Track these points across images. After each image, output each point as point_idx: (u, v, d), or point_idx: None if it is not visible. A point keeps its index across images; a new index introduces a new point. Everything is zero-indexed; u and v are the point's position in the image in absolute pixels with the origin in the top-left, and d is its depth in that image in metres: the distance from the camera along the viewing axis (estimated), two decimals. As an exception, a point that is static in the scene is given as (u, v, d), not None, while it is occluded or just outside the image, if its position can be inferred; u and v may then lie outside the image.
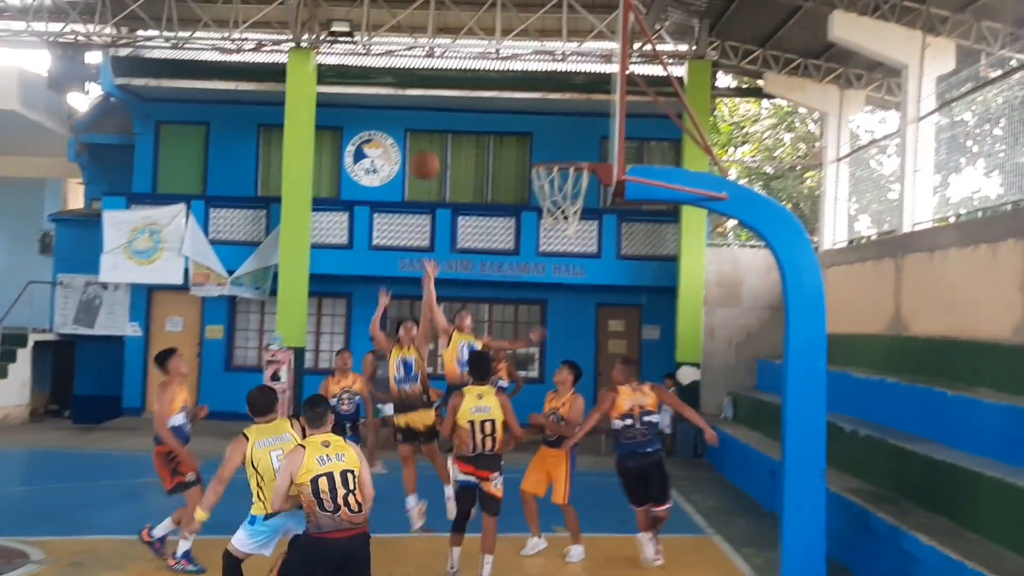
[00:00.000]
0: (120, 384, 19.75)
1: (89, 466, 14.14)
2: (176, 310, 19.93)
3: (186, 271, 18.69)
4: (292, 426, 7.14)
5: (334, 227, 18.90)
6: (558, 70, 19.04)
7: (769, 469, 11.94)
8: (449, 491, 9.34)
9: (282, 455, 6.62)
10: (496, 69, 19.12)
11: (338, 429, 10.77)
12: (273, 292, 18.40)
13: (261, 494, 6.70)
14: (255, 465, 6.75)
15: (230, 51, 18.70)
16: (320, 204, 18.70)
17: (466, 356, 9.77)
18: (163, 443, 8.30)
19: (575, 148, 17.98)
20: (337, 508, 5.99)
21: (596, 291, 19.28)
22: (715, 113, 23.74)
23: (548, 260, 18.71)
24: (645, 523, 9.16)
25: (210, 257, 18.83)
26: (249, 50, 18.76)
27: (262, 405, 7.11)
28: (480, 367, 8.50)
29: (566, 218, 8.82)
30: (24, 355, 18.83)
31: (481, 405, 8.15)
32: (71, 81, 18.50)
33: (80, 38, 18.37)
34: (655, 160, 19.81)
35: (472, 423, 8.10)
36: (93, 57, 18.95)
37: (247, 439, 6.86)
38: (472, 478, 8.17)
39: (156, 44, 18.83)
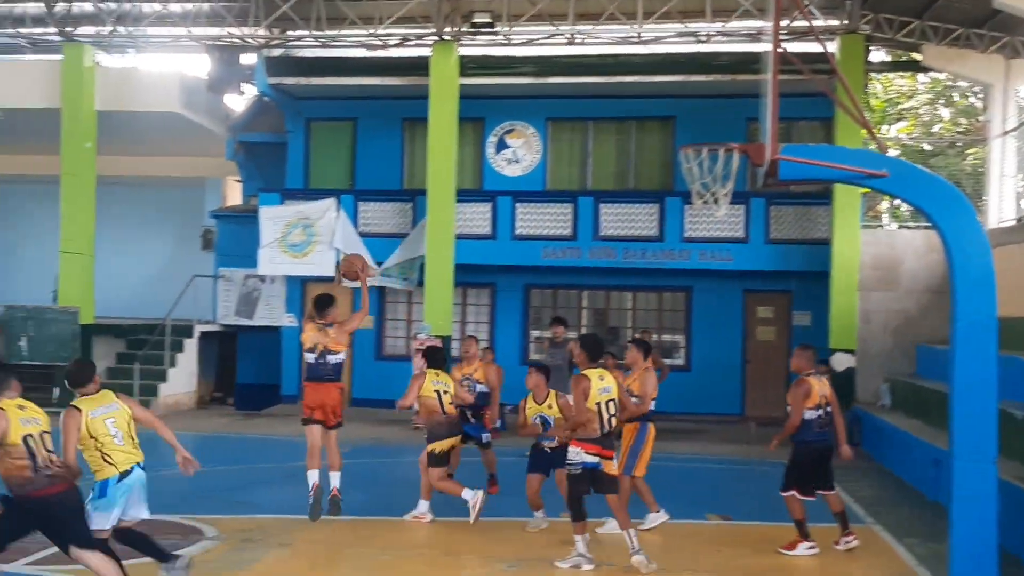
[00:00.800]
0: (278, 373, 20.55)
1: (251, 450, 14.83)
2: (329, 301, 20.51)
3: (337, 263, 19.26)
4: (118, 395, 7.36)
5: (477, 218, 19.14)
6: (702, 51, 18.70)
7: (932, 458, 11.47)
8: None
9: (115, 422, 7.03)
10: (638, 53, 18.94)
11: (460, 416, 10.92)
12: (420, 282, 18.78)
13: (108, 458, 6.93)
14: (93, 435, 6.93)
15: (375, 47, 19.17)
16: (464, 195, 18.94)
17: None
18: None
19: (720, 130, 17.58)
20: None
21: (743, 277, 18.89)
22: (868, 89, 22.88)
23: (693, 246, 18.44)
24: (800, 511, 8.96)
25: (360, 249, 19.27)
26: (394, 45, 19.17)
27: (82, 377, 7.26)
28: (595, 349, 8.62)
29: (716, 201, 8.69)
30: (191, 345, 19.83)
31: (604, 386, 8.27)
32: (228, 83, 19.37)
33: (236, 41, 19.18)
34: (804, 140, 19.20)
35: (599, 405, 8.18)
36: (248, 59, 19.75)
37: (79, 411, 6.99)
38: (597, 459, 8.19)
39: (306, 43, 19.46)
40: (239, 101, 21.80)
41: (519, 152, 20.31)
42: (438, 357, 10.29)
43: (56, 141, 19.09)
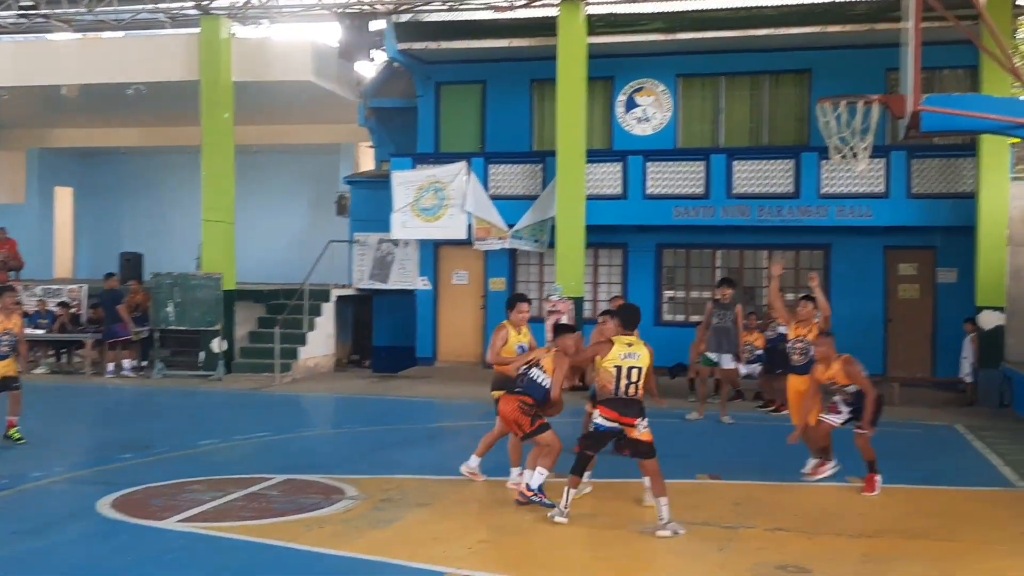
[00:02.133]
0: (413, 335, 21.01)
1: (390, 411, 15.22)
2: (461, 264, 20.87)
3: (469, 226, 19.50)
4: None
5: (608, 178, 19.03)
6: (838, 1, 18.01)
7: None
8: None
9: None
10: (771, 5, 18.38)
11: None
12: (551, 244, 18.83)
13: None
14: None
15: (503, 8, 19.13)
16: (593, 155, 18.84)
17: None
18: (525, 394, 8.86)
19: (857, 83, 16.97)
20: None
21: (884, 233, 18.24)
22: (1017, 34, 21.65)
23: (831, 202, 17.90)
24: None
25: (491, 212, 19.53)
26: (520, 6, 19.10)
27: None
28: (630, 317, 8.63)
29: (855, 155, 8.44)
30: (328, 309, 20.44)
31: (631, 352, 8.24)
32: (359, 50, 19.70)
33: (365, 8, 19.47)
34: (948, 89, 18.28)
35: (619, 368, 8.17)
36: (377, 25, 20.04)
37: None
38: (616, 424, 8.18)
39: (434, 7, 19.60)
40: (369, 68, 22.16)
41: (649, 110, 20.05)
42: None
43: (197, 112, 19.85)
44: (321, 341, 20.21)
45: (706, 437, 13.07)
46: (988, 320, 16.37)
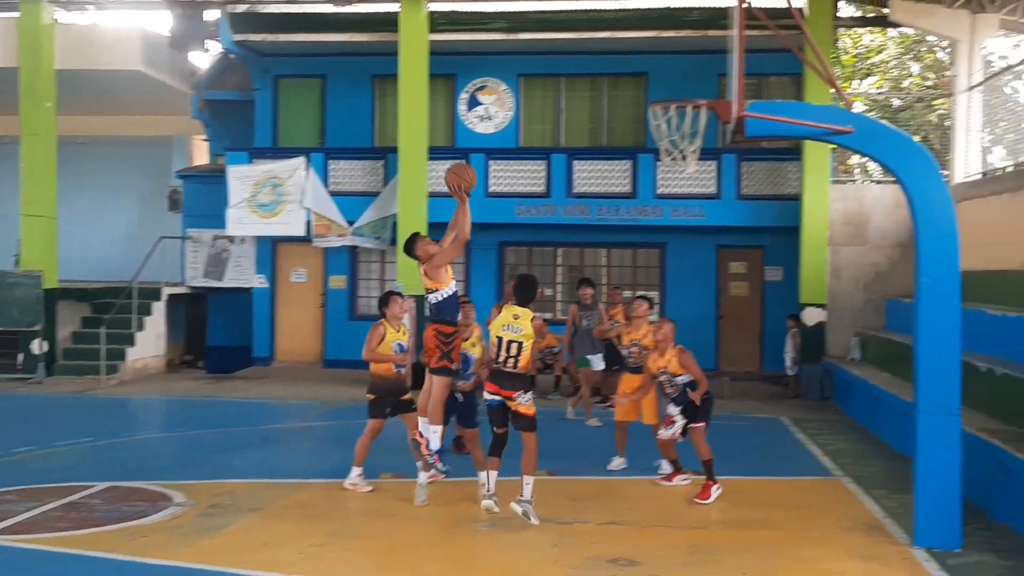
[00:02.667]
0: (250, 335, 20.45)
1: (223, 413, 14.74)
2: (300, 261, 20.45)
3: (308, 223, 19.13)
4: None
5: (450, 175, 18.98)
6: (673, 7, 18.58)
7: (900, 411, 11.60)
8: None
9: None
10: (610, 8, 18.83)
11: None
12: (393, 241, 18.68)
13: None
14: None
15: (343, 2, 18.86)
16: (436, 152, 18.79)
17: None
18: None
19: (692, 87, 17.55)
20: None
21: (716, 233, 18.92)
22: (837, 45, 22.82)
23: (666, 202, 18.43)
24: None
25: (330, 208, 19.21)
26: (361, 1, 18.88)
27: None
28: (525, 291, 8.51)
29: (684, 158, 8.66)
30: (159, 308, 19.64)
31: (514, 325, 8.27)
32: (192, 39, 19.00)
33: (199, -3, 18.81)
34: (775, 96, 19.17)
35: (500, 339, 8.28)
36: (212, 14, 19.39)
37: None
38: (497, 397, 8.32)
39: (272, -1, 19.17)
40: (204, 58, 21.46)
41: (491, 109, 20.15)
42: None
43: (15, 101, 18.71)
44: (151, 341, 19.41)
45: (544, 434, 13.18)
46: (811, 317, 17.19)
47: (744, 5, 8.14)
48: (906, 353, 12.17)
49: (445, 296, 8.68)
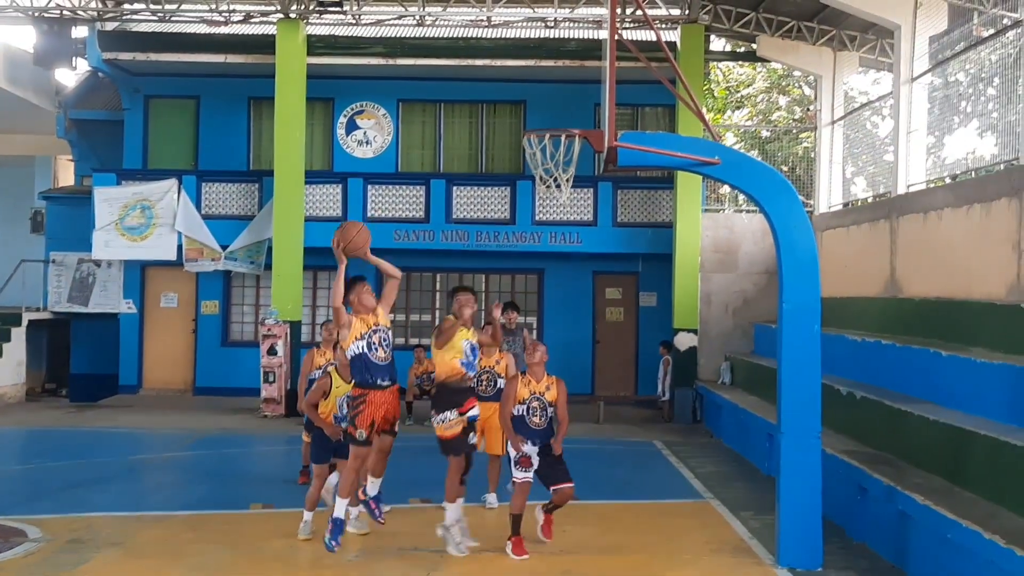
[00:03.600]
0: (116, 362, 19.72)
1: (86, 444, 14.13)
2: (171, 286, 19.86)
3: (179, 247, 18.61)
4: None
5: (328, 199, 18.81)
6: (551, 37, 18.91)
7: (766, 433, 11.94)
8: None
9: None
10: (488, 37, 19.04)
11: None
12: (268, 266, 18.33)
13: None
14: None
15: (218, 23, 18.53)
16: (313, 177, 18.60)
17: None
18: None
19: (569, 115, 17.89)
20: None
21: (593, 259, 19.21)
22: (709, 77, 23.58)
23: (544, 229, 18.63)
24: None
25: (203, 232, 18.74)
26: (237, 22, 18.59)
27: None
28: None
29: (559, 186, 8.78)
30: (19, 334, 18.76)
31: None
32: (58, 57, 18.31)
33: (66, 13, 18.20)
34: (649, 126, 19.69)
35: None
36: (80, 32, 18.75)
37: None
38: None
39: (143, 17, 18.68)
40: (70, 76, 20.72)
41: (370, 133, 20.06)
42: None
43: None
44: (10, 369, 18.51)
45: (422, 462, 13.09)
46: (683, 342, 17.59)
47: (616, 38, 8.33)
48: (772, 377, 12.57)
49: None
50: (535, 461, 8.33)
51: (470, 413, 8.11)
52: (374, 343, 7.67)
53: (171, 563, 7.80)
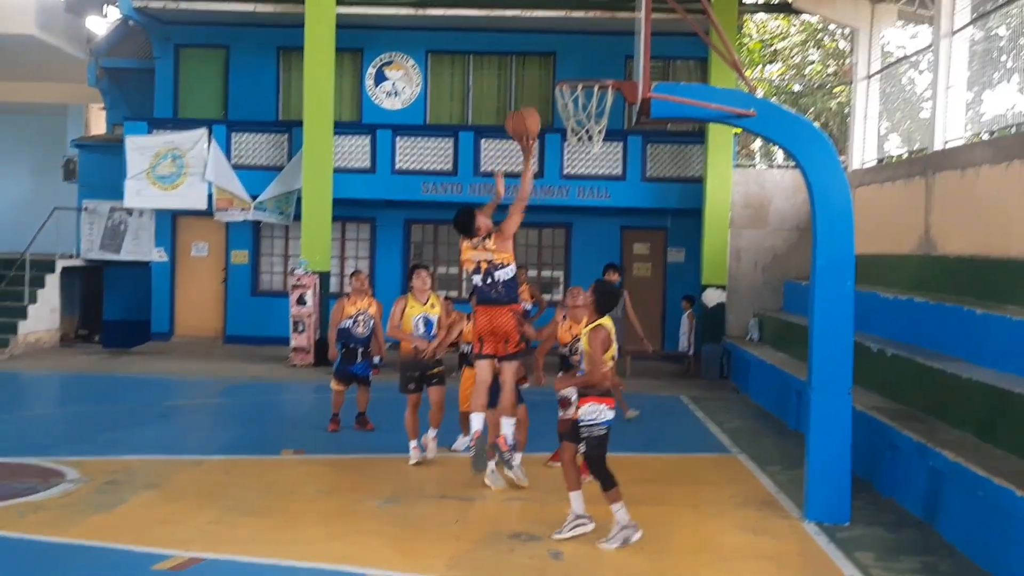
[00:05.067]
0: (148, 309, 19.93)
1: (120, 389, 14.35)
2: (201, 235, 20.00)
3: (209, 196, 18.69)
4: None
5: (356, 151, 18.79)
6: (582, -13, 18.71)
7: (795, 389, 11.95)
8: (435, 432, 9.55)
9: None
10: (518, -13, 18.82)
11: (352, 353, 10.88)
12: (297, 217, 18.38)
13: None
14: None
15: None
16: (342, 128, 18.56)
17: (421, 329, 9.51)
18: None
19: (599, 67, 17.63)
20: None
21: (621, 214, 19.12)
22: (742, 30, 23.23)
23: (572, 183, 18.54)
24: None
25: (233, 182, 18.80)
26: (268, -30, 18.49)
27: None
28: (609, 300, 7.52)
29: (590, 138, 8.72)
30: (52, 281, 18.97)
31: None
32: (89, 4, 18.41)
33: (97, -40, 18.17)
34: (681, 79, 19.44)
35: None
36: (111, -21, 18.78)
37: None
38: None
39: (173, -35, 18.59)
40: (102, 24, 20.69)
41: (398, 85, 19.96)
42: None
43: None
44: (44, 315, 18.73)
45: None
46: (711, 298, 17.54)
47: (651, -13, 8.21)
48: (802, 333, 12.55)
49: (512, 272, 8.27)
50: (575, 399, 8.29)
51: None
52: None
53: (206, 504, 7.94)
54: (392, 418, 9.99)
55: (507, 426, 8.15)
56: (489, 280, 8.24)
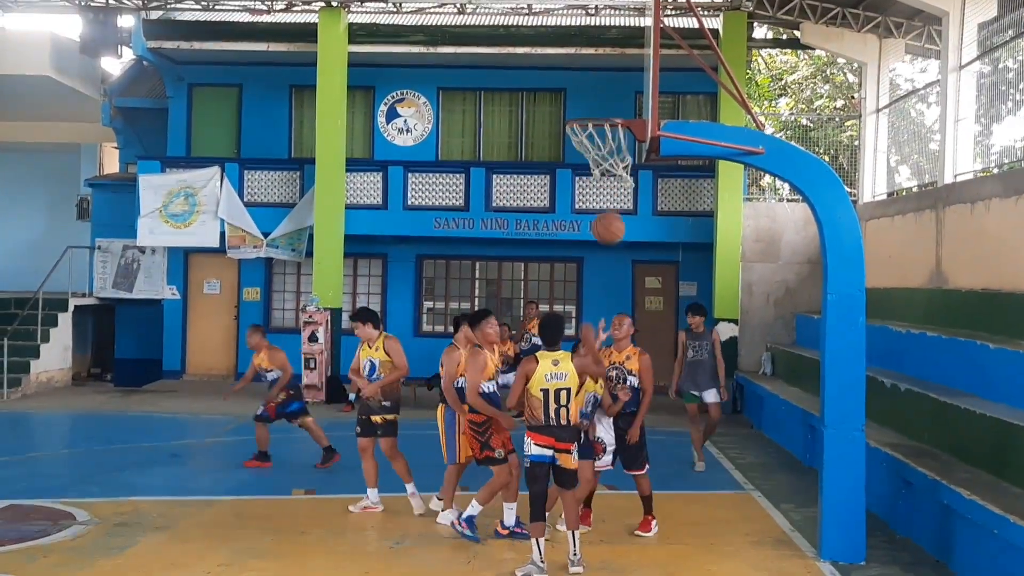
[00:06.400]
0: (160, 347, 19.99)
1: (131, 428, 14.35)
2: (213, 273, 20.09)
3: (222, 234, 18.78)
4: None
5: (368, 187, 18.89)
6: (591, 24, 18.84)
7: (808, 425, 11.87)
8: (411, 488, 9.20)
9: None
10: (528, 24, 18.99)
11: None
12: (309, 253, 18.46)
13: None
14: None
15: (261, 11, 18.66)
16: (354, 165, 18.68)
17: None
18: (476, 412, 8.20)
19: (609, 104, 17.82)
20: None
21: (632, 248, 19.09)
22: (752, 65, 23.32)
23: (584, 217, 18.53)
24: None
25: (245, 219, 18.90)
26: (280, 10, 18.71)
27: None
28: (552, 330, 7.64)
29: (614, 175, 8.75)
30: (65, 319, 19.05)
31: (557, 372, 7.45)
32: (103, 45, 18.53)
33: (112, 1, 18.38)
34: (691, 115, 19.55)
35: (546, 392, 7.42)
36: (125, 20, 18.99)
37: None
38: (549, 451, 7.43)
39: (187, 6, 18.79)
40: (116, 64, 20.94)
41: (410, 121, 20.10)
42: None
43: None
44: (57, 354, 18.80)
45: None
46: (723, 331, 17.37)
47: (660, 25, 8.27)
48: (814, 368, 12.49)
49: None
50: (608, 445, 8.65)
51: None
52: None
53: (216, 546, 7.91)
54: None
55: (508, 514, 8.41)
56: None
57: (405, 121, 20.12)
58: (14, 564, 7.30)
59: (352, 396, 16.21)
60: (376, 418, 9.16)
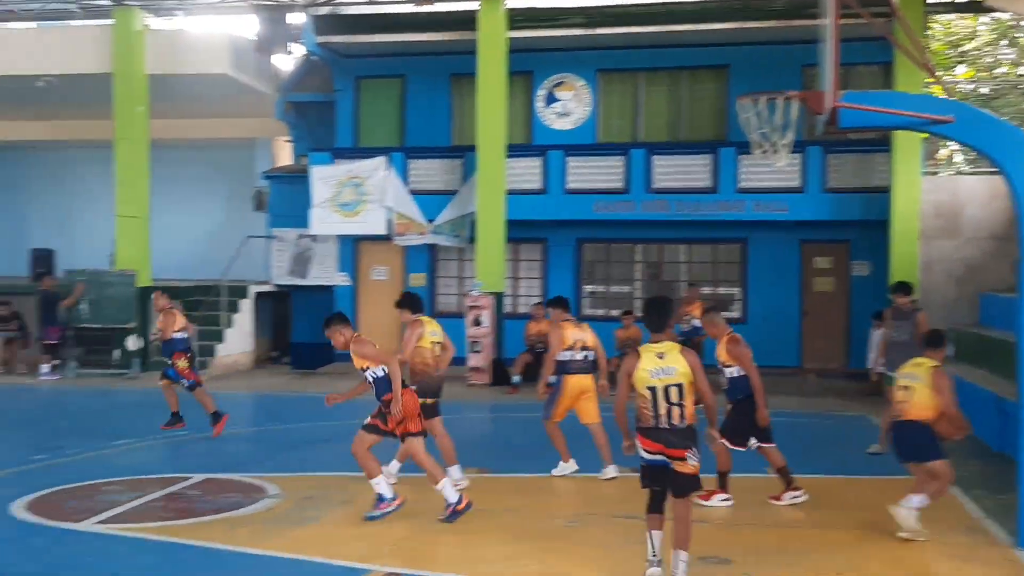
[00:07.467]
0: (333, 332, 20.70)
1: (310, 408, 14.94)
2: (381, 259, 20.68)
3: (389, 221, 19.30)
4: None
5: (528, 172, 19.02)
6: (755, -3, 18.35)
7: (998, 408, 11.25)
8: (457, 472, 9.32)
9: None
10: (689, 1, 18.62)
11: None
12: (472, 239, 18.75)
13: None
14: None
15: (422, 2, 19.01)
16: (514, 150, 18.83)
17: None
18: None
19: (774, 78, 17.27)
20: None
21: (800, 227, 18.58)
22: (928, 32, 22.24)
23: (748, 197, 18.16)
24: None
25: (410, 207, 19.37)
26: (440, 0, 19.01)
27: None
28: (656, 315, 6.74)
29: (775, 151, 8.53)
30: (246, 306, 20.04)
31: (664, 366, 6.45)
32: (276, 42, 19.34)
33: (283, 0, 19.12)
34: (862, 86, 18.70)
35: (653, 389, 6.45)
36: (295, 18, 19.75)
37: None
38: (660, 457, 6.52)
39: (352, 0, 19.36)
40: (287, 61, 21.79)
41: (569, 105, 20.10)
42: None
43: (109, 106, 19.28)
44: (240, 338, 19.81)
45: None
46: (900, 312, 16.73)
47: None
48: (1003, 349, 11.85)
49: None
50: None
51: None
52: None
53: (396, 520, 8.12)
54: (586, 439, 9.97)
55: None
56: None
57: (564, 105, 20.13)
58: (216, 533, 7.73)
59: (516, 379, 16.39)
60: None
